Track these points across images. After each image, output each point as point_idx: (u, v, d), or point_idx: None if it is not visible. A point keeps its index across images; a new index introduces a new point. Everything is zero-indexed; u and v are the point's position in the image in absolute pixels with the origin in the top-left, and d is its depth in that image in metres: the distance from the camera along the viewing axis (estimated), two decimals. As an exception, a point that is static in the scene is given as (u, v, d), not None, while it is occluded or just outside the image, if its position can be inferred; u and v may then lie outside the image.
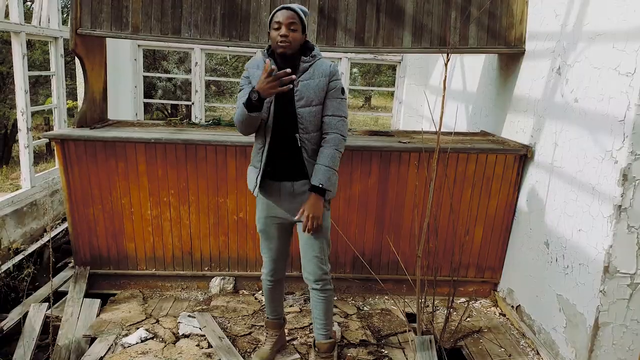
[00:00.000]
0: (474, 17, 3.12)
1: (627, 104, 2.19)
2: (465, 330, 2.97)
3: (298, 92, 2.13)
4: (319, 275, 2.31)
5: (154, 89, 10.70)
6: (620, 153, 2.23)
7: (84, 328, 2.84)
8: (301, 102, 2.13)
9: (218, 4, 3.07)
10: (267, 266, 2.43)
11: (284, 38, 2.05)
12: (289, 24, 2.06)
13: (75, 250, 3.21)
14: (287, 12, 2.08)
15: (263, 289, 2.52)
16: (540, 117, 2.94)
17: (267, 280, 2.46)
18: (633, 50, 2.17)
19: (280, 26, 2.06)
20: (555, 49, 2.82)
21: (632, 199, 2.22)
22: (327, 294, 2.35)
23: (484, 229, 3.25)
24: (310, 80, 2.14)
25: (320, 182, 2.14)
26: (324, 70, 2.15)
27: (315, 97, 2.14)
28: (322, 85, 2.14)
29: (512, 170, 3.12)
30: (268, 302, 2.55)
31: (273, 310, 2.56)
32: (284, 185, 2.22)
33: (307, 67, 2.15)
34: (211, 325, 2.86)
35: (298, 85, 2.12)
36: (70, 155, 2.99)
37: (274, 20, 2.09)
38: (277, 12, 2.10)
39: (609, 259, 2.29)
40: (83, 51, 3.11)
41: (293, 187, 2.22)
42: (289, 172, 2.20)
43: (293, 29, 2.07)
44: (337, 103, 2.18)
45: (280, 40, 2.06)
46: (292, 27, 2.07)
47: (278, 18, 2.07)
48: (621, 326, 2.35)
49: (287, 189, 2.23)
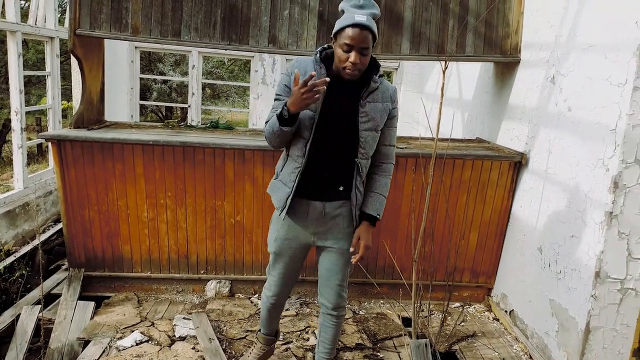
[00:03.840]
0: (471, 26, 3.18)
1: (619, 113, 2.25)
2: (460, 335, 3.00)
3: (364, 114, 1.88)
4: (338, 303, 2.14)
5: (148, 91, 10.65)
6: (611, 161, 2.28)
7: (78, 331, 2.81)
8: (367, 124, 1.89)
9: (218, 7, 3.09)
10: (273, 289, 2.21)
11: (354, 66, 1.77)
12: (362, 49, 1.75)
13: (69, 252, 3.18)
14: (363, 33, 1.73)
15: (262, 306, 2.33)
16: (535, 125, 3.00)
17: (270, 302, 2.26)
18: (624, 61, 2.23)
19: (351, 50, 1.75)
20: (549, 59, 2.89)
21: (622, 206, 2.27)
22: (341, 320, 2.21)
23: (479, 234, 3.29)
24: (378, 103, 1.91)
25: (377, 213, 1.99)
26: (391, 94, 1.95)
27: (381, 122, 1.93)
28: (387, 109, 1.94)
29: (507, 176, 3.17)
30: (265, 319, 2.38)
31: (268, 326, 2.41)
32: (314, 206, 1.98)
33: (376, 87, 1.90)
34: (204, 326, 2.85)
35: (365, 107, 1.88)
36: (67, 156, 2.98)
37: (343, 36, 1.75)
38: (348, 28, 1.74)
39: (600, 265, 2.34)
40: (81, 52, 3.10)
41: (324, 209, 1.99)
42: (325, 193, 1.97)
43: (365, 54, 1.78)
44: (395, 132, 2.03)
45: (350, 67, 1.77)
46: (365, 52, 1.77)
47: (349, 38, 1.73)
48: (612, 330, 2.39)
49: (318, 209, 1.98)
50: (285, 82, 1.94)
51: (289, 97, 1.77)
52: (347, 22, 1.76)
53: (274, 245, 2.10)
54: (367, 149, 1.94)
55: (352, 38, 1.74)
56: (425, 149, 3.14)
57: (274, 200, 2.04)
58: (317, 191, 1.97)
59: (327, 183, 1.97)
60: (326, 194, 1.98)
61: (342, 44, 1.77)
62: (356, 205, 2.01)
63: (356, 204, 2.01)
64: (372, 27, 1.78)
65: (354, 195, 1.99)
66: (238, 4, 3.09)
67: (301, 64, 1.92)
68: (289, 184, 1.97)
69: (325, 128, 1.89)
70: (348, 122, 1.89)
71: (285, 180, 1.99)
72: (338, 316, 2.19)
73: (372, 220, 2.01)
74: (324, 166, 1.94)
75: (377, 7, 1.84)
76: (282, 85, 1.95)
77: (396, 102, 1.99)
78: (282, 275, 2.17)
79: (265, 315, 2.35)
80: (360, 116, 1.88)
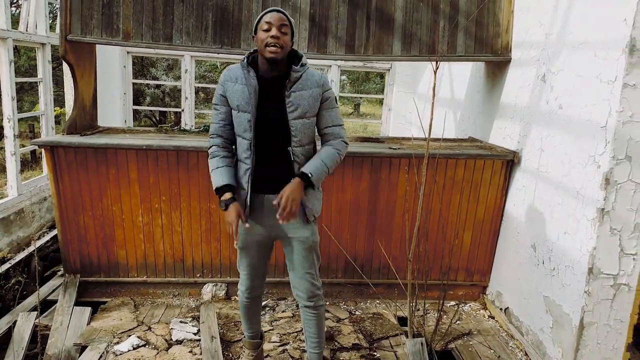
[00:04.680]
0: (461, 26, 3.20)
1: (609, 110, 2.27)
2: (456, 333, 3.02)
3: (291, 104, 1.99)
4: (312, 292, 2.19)
5: (142, 96, 10.63)
6: (602, 158, 2.30)
7: (75, 337, 2.80)
8: (295, 113, 2.00)
9: (209, 11, 3.10)
10: (245, 283, 2.30)
11: (275, 40, 1.91)
12: (280, 25, 1.93)
13: (65, 258, 3.18)
14: (278, 14, 1.95)
15: (240, 305, 2.39)
16: (527, 124, 3.02)
17: (245, 298, 2.33)
18: (614, 59, 2.25)
19: (271, 27, 1.92)
20: (540, 58, 2.91)
21: (614, 202, 2.29)
22: (320, 310, 2.24)
23: (473, 233, 3.31)
24: (303, 91, 2.01)
25: (310, 171, 2.01)
26: (316, 80, 2.04)
27: (310, 109, 2.02)
28: (315, 95, 2.03)
29: (500, 175, 3.19)
30: (245, 319, 2.42)
31: (250, 327, 2.44)
32: (268, 199, 2.08)
33: (299, 76, 2.01)
34: (210, 321, 2.84)
35: (290, 97, 1.99)
36: (60, 162, 2.97)
37: (263, 21, 1.95)
38: (266, 14, 1.97)
39: (593, 261, 2.35)
40: (73, 58, 3.09)
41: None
42: (274, 185, 2.04)
43: (284, 32, 1.94)
44: (335, 112, 2.10)
45: (272, 43, 1.91)
46: (283, 29, 1.94)
47: (268, 19, 1.94)
48: (605, 326, 2.41)
49: (271, 202, 2.06)
50: (220, 91, 2.09)
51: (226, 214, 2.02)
52: (263, 12, 2.00)
53: (238, 241, 2.18)
54: (299, 136, 2.03)
55: (270, 18, 1.94)
56: (418, 149, 3.15)
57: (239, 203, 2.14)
58: (268, 185, 2.07)
59: (274, 176, 2.06)
60: (276, 186, 2.04)
61: (262, 28, 1.95)
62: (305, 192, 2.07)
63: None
64: (286, 12, 1.98)
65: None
66: (229, 7, 3.10)
67: (231, 72, 2.07)
68: (244, 185, 2.09)
69: (263, 126, 2.02)
70: (279, 116, 2.01)
71: (241, 183, 2.11)
72: (315, 307, 2.23)
73: (302, 177, 2.02)
74: (269, 161, 2.06)
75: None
76: (218, 95, 2.10)
77: (326, 86, 2.08)
78: (250, 268, 2.26)
79: (244, 313, 2.40)
80: (287, 106, 2.00)
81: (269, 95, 2.01)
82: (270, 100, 2.01)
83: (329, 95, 2.08)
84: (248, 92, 2.00)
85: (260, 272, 2.30)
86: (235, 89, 2.03)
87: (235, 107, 2.04)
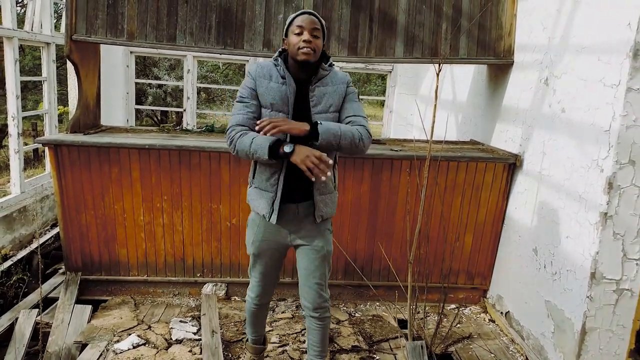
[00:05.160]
0: (464, 28, 3.20)
1: (612, 114, 2.26)
2: (456, 336, 3.01)
3: (315, 98, 1.98)
4: (319, 304, 2.14)
5: (144, 96, 10.67)
6: (605, 162, 2.30)
7: (75, 334, 2.81)
8: (317, 107, 1.98)
9: (213, 12, 3.11)
10: (255, 290, 2.27)
11: (308, 44, 1.88)
12: (312, 29, 1.90)
13: (66, 256, 3.19)
14: (310, 17, 1.92)
15: (246, 310, 2.36)
16: (529, 127, 3.02)
17: (253, 304, 2.30)
18: (618, 63, 2.25)
19: (303, 31, 1.90)
20: (543, 61, 2.90)
21: (617, 207, 2.28)
22: (325, 322, 2.19)
23: (474, 236, 3.30)
24: (328, 86, 2.01)
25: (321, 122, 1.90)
26: (340, 77, 2.04)
27: (334, 103, 2.00)
28: (340, 91, 2.02)
29: (502, 178, 3.18)
30: (250, 324, 2.40)
31: (254, 332, 2.42)
32: (289, 208, 2.04)
33: (325, 75, 2.02)
34: (211, 313, 2.83)
35: (314, 91, 1.98)
36: (64, 160, 2.98)
37: (294, 25, 1.92)
38: (297, 17, 1.94)
39: (596, 265, 2.34)
40: (77, 57, 3.11)
41: (298, 210, 2.05)
42: (296, 193, 2.02)
43: (316, 35, 1.92)
44: (357, 105, 2.06)
45: (304, 46, 1.88)
46: (315, 33, 1.91)
47: (300, 22, 1.91)
48: (607, 331, 2.40)
49: (292, 211, 2.04)
50: (251, 85, 2.00)
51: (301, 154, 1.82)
52: (294, 15, 1.97)
53: (253, 247, 2.15)
54: None
55: (302, 21, 1.91)
56: (420, 151, 3.15)
57: (257, 208, 2.08)
58: (291, 193, 2.02)
59: (299, 184, 2.00)
60: (299, 194, 2.02)
61: (294, 31, 1.92)
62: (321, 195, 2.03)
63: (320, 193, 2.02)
64: (318, 15, 1.95)
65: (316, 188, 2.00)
66: (233, 8, 3.11)
67: (264, 68, 2.01)
68: (270, 189, 2.01)
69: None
70: (304, 112, 1.97)
71: (264, 186, 2.03)
72: (321, 318, 2.17)
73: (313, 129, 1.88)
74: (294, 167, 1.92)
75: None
76: (248, 90, 2.01)
77: (349, 83, 2.07)
78: (263, 275, 2.21)
79: (251, 318, 2.37)
80: (311, 100, 1.97)
81: (297, 99, 1.99)
82: (298, 102, 1.98)
83: (351, 90, 2.07)
84: (287, 92, 1.96)
85: (272, 280, 2.26)
86: (271, 87, 1.97)
87: (269, 105, 1.97)
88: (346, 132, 1.92)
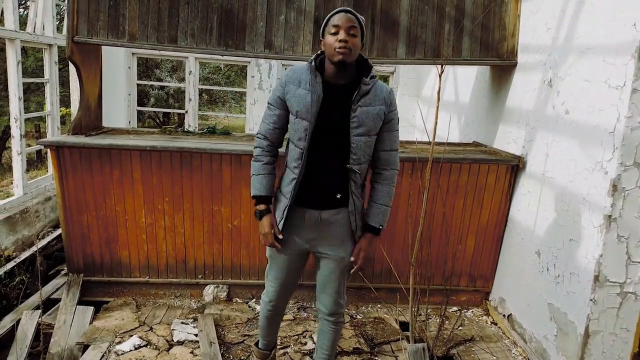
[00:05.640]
0: (467, 29, 3.18)
1: (617, 116, 2.24)
2: (458, 339, 2.99)
3: (356, 120, 1.87)
4: (335, 310, 2.14)
5: (146, 97, 10.69)
6: (610, 164, 2.27)
7: (77, 336, 2.81)
8: (358, 130, 1.88)
9: (214, 13, 3.10)
10: (270, 295, 2.20)
11: (344, 43, 1.79)
12: (349, 27, 1.81)
13: (68, 257, 3.19)
14: (347, 15, 1.83)
15: (260, 313, 2.29)
16: (532, 128, 2.99)
17: (267, 309, 2.24)
18: (622, 64, 2.23)
19: (339, 30, 1.81)
20: (546, 62, 2.88)
21: (621, 209, 2.26)
22: (339, 326, 2.20)
23: (476, 239, 3.28)
24: (370, 107, 1.89)
25: (380, 224, 2.00)
26: (384, 97, 1.92)
27: (374, 127, 1.91)
28: (381, 113, 1.91)
29: (504, 180, 3.16)
30: (262, 327, 2.33)
31: (265, 336, 2.35)
32: (310, 213, 1.99)
33: (368, 90, 1.88)
34: (207, 329, 2.85)
35: (356, 111, 1.87)
36: (65, 162, 2.99)
37: (330, 24, 1.84)
38: (334, 16, 1.86)
39: (599, 268, 2.32)
40: (79, 59, 3.11)
41: (320, 216, 1.99)
42: (321, 200, 1.98)
43: (353, 34, 1.82)
44: (395, 137, 1.98)
45: (340, 46, 1.79)
46: (352, 31, 1.82)
47: (336, 21, 1.83)
48: (611, 334, 2.38)
49: (314, 217, 1.99)
50: (278, 93, 1.97)
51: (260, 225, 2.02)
52: (331, 14, 1.89)
53: (270, 250, 2.11)
54: (359, 154, 1.92)
55: (338, 20, 1.83)
56: (422, 153, 3.14)
57: (276, 212, 2.06)
58: (313, 199, 1.98)
59: (323, 191, 1.97)
60: (322, 201, 1.98)
61: (330, 31, 1.85)
62: (355, 212, 1.99)
63: (354, 210, 1.99)
64: (356, 13, 1.86)
65: (352, 202, 1.98)
66: (234, 9, 3.10)
67: (295, 73, 1.95)
68: (287, 195, 1.99)
69: (319, 137, 1.90)
70: (340, 128, 1.89)
71: (285, 191, 2.01)
72: (336, 322, 2.18)
73: (375, 232, 2.04)
74: (319, 175, 1.95)
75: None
76: (276, 96, 1.98)
77: (393, 105, 1.96)
78: (278, 280, 2.15)
79: (263, 322, 2.32)
80: (352, 121, 1.88)
81: (333, 105, 1.89)
82: (333, 110, 1.89)
83: (392, 117, 1.97)
84: (311, 99, 1.87)
85: (289, 287, 2.19)
86: (298, 93, 1.90)
87: (295, 113, 1.92)
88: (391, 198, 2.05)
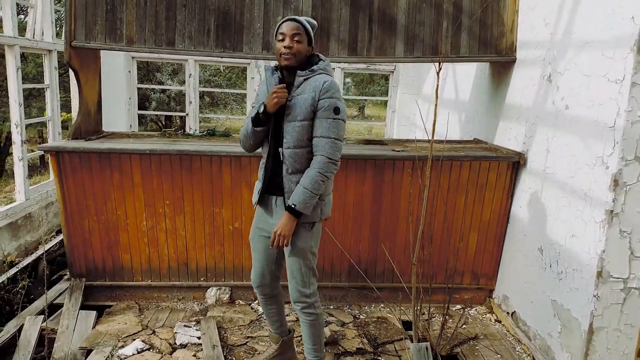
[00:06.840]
0: (465, 26, 3.17)
1: (617, 110, 2.22)
2: (462, 337, 2.98)
3: (288, 106, 2.08)
4: (296, 297, 2.23)
5: (147, 101, 10.71)
6: (611, 159, 2.26)
7: (80, 340, 2.82)
8: (289, 116, 2.08)
9: (212, 15, 3.10)
10: (252, 277, 2.38)
11: (288, 50, 2.03)
12: (293, 35, 2.03)
13: (70, 262, 3.20)
14: (292, 24, 2.05)
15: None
16: (532, 124, 2.98)
17: (259, 296, 2.41)
18: (622, 57, 2.21)
19: (285, 37, 2.04)
20: (545, 57, 2.87)
21: (623, 204, 2.24)
22: (310, 317, 2.25)
23: (478, 236, 3.27)
24: (301, 95, 2.07)
25: (293, 203, 2.06)
26: (316, 85, 2.05)
27: (300, 113, 2.05)
28: (309, 100, 2.04)
29: (505, 177, 3.14)
30: (265, 315, 2.51)
31: (271, 323, 2.52)
32: (271, 199, 2.20)
33: (302, 81, 2.08)
34: (210, 332, 2.85)
35: (292, 99, 2.08)
36: (65, 167, 2.99)
37: (278, 32, 2.07)
38: (281, 24, 2.08)
39: (602, 264, 2.31)
40: (77, 63, 3.12)
41: (276, 202, 2.18)
42: (275, 186, 2.17)
43: (297, 40, 2.04)
44: (328, 123, 2.04)
45: (284, 52, 2.04)
46: (297, 38, 2.04)
47: (282, 29, 2.05)
48: (615, 330, 2.36)
49: (272, 202, 2.20)
50: (257, 90, 2.28)
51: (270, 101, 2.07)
52: (279, 23, 2.11)
53: (250, 233, 2.34)
54: (288, 138, 2.08)
55: (283, 29, 2.06)
56: (422, 152, 3.13)
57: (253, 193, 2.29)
58: (273, 186, 2.19)
59: (275, 176, 2.17)
60: (277, 188, 2.17)
61: (278, 39, 2.07)
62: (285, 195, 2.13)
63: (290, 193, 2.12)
64: (302, 21, 2.08)
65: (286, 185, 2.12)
66: (231, 11, 3.10)
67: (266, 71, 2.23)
68: (260, 179, 2.23)
69: (273, 125, 2.14)
70: (280, 116, 2.11)
71: (259, 176, 2.26)
72: (303, 311, 2.24)
73: (291, 211, 2.08)
74: (268, 161, 2.19)
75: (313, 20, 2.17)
76: (255, 94, 2.30)
77: (327, 93, 2.03)
78: (255, 262, 2.34)
79: (263, 310, 2.48)
80: (286, 108, 2.08)
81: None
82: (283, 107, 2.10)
83: (324, 104, 2.04)
84: (267, 93, 2.12)
85: (267, 269, 2.33)
86: (262, 89, 2.21)
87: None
88: (314, 184, 2.04)
